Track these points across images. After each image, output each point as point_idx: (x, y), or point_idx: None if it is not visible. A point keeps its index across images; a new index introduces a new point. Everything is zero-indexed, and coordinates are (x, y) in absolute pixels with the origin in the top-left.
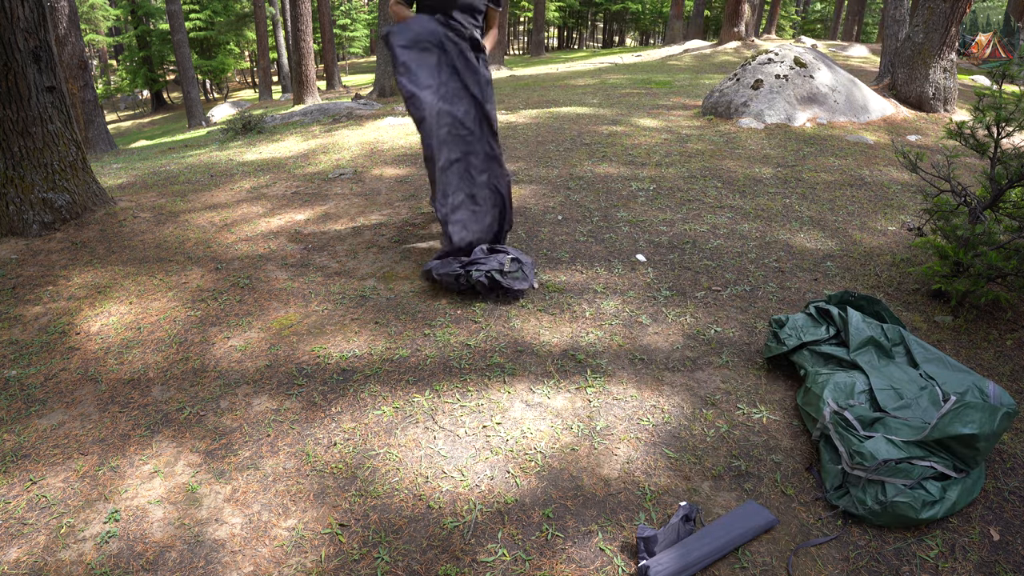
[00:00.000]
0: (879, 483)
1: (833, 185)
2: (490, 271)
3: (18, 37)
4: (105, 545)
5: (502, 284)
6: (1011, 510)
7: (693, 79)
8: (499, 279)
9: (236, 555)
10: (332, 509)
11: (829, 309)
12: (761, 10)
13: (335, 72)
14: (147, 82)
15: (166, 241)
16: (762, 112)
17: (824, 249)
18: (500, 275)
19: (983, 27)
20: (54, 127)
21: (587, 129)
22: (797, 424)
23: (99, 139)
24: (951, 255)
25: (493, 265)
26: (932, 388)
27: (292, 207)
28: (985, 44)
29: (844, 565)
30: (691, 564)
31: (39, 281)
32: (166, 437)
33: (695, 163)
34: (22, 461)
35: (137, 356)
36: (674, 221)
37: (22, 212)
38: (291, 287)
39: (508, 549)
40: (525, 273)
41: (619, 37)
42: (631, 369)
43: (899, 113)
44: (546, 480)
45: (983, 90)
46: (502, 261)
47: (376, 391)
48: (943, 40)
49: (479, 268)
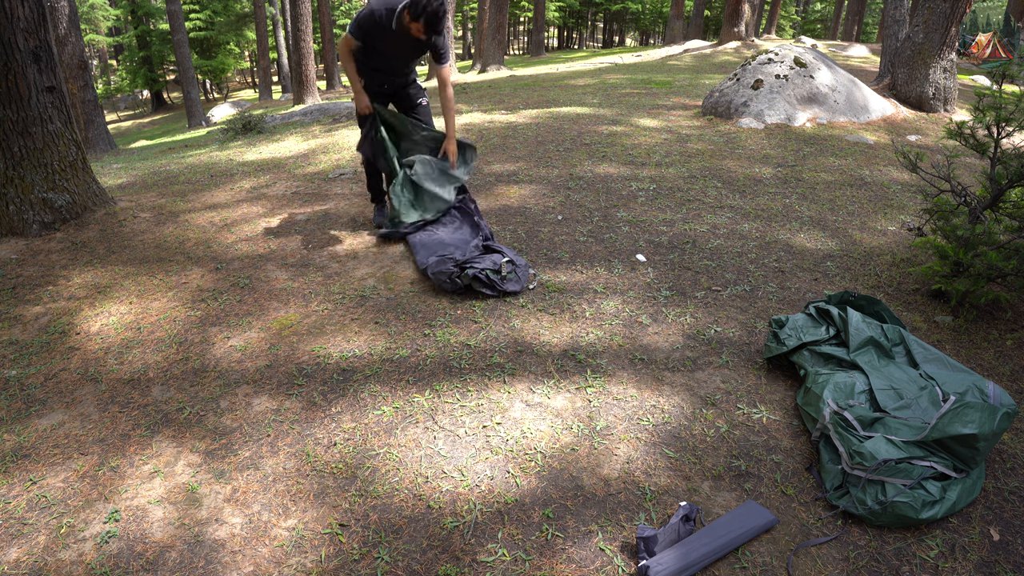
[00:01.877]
0: (879, 483)
1: (833, 185)
2: (484, 270)
3: (18, 37)
4: (105, 545)
5: (496, 284)
6: (1011, 510)
7: (693, 79)
8: (493, 279)
9: (236, 555)
10: (332, 509)
11: (829, 309)
12: (761, 10)
13: (335, 72)
14: (147, 82)
15: (166, 241)
16: (762, 112)
17: (824, 249)
18: (494, 275)
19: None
20: (54, 127)
21: (587, 129)
22: (797, 424)
23: (99, 139)
24: (951, 255)
25: (487, 265)
26: (932, 388)
27: (292, 207)
28: (985, 44)
29: (844, 565)
30: (691, 564)
31: (39, 281)
32: (166, 437)
33: (695, 163)
34: (22, 461)
35: (137, 356)
36: (674, 221)
37: (22, 212)
38: (291, 287)
39: (508, 549)
40: (518, 275)
41: (619, 37)
42: (631, 369)
43: (899, 113)
44: (546, 480)
45: (983, 90)
46: (496, 262)
47: (376, 391)
48: (943, 40)
49: (473, 267)
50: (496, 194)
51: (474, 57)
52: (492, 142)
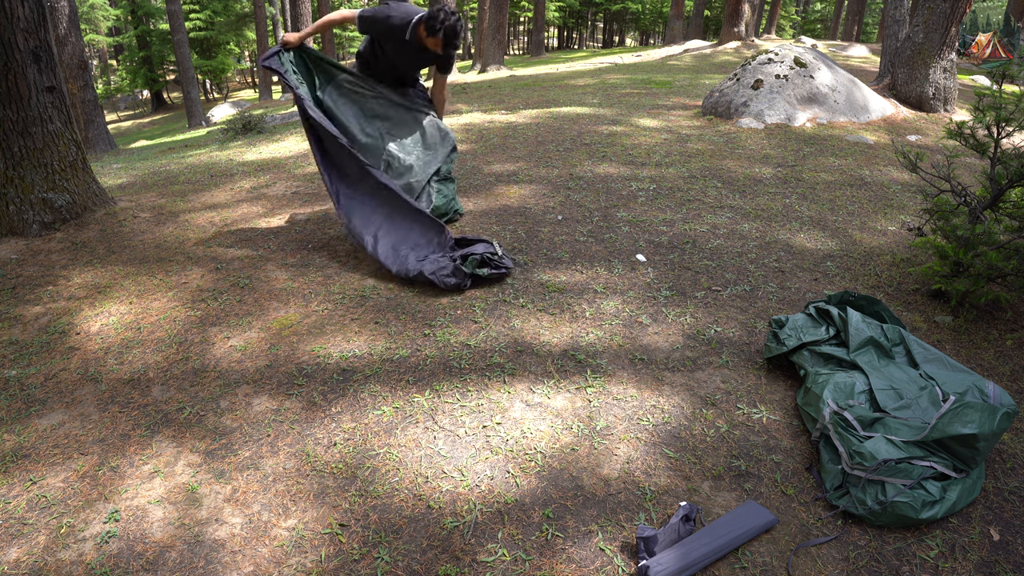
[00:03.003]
0: (879, 483)
1: (833, 185)
2: (484, 254)
3: (18, 37)
4: (105, 545)
5: (500, 263)
6: (1011, 510)
7: (693, 79)
8: (493, 259)
9: (236, 555)
10: (332, 509)
11: (829, 309)
12: (761, 10)
13: None
14: (147, 82)
15: (166, 241)
16: (762, 112)
17: (824, 249)
18: (494, 256)
19: (983, 27)
20: (54, 127)
21: (587, 129)
22: (797, 424)
23: (99, 139)
24: (951, 255)
25: (481, 249)
26: (932, 388)
27: (292, 207)
28: (985, 44)
29: (844, 565)
30: (691, 564)
31: (39, 281)
32: (166, 437)
33: (695, 163)
34: (22, 461)
35: (137, 356)
36: (674, 221)
37: (22, 212)
38: (291, 287)
39: (508, 549)
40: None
41: (619, 37)
42: (631, 369)
43: (899, 113)
44: (546, 480)
45: (983, 90)
46: (487, 245)
47: (376, 391)
48: (943, 40)
49: (474, 255)
50: (496, 194)
51: (474, 57)
52: (492, 142)
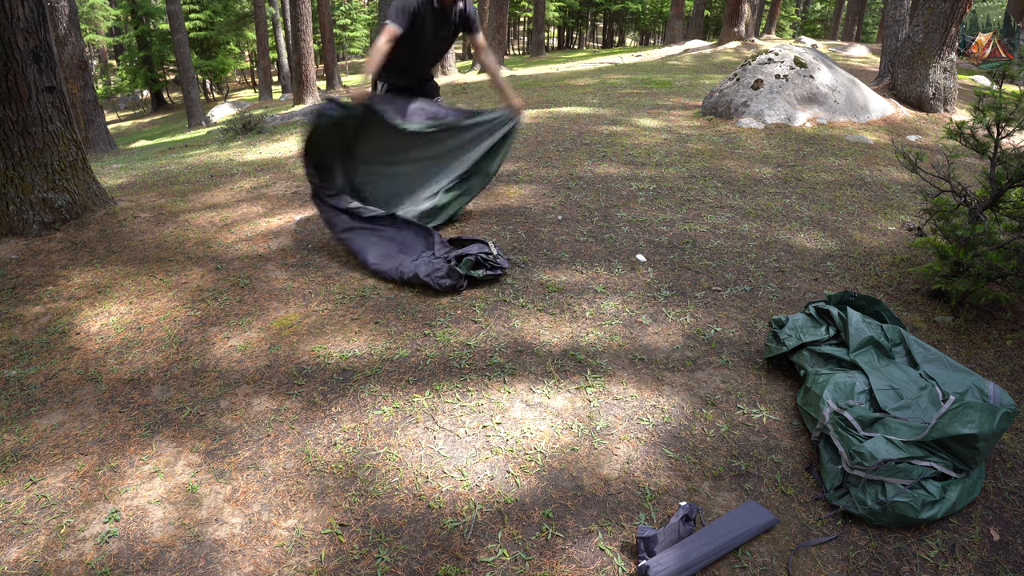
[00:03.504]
0: (879, 483)
1: (833, 185)
2: (479, 254)
3: (18, 37)
4: (105, 545)
5: (495, 263)
6: (1011, 510)
7: (693, 79)
8: (487, 260)
9: (236, 555)
10: (332, 509)
11: (829, 309)
12: (761, 10)
13: (335, 72)
14: (147, 82)
15: (166, 241)
16: (762, 112)
17: (824, 249)
18: (488, 256)
19: (983, 27)
20: (54, 127)
21: (587, 129)
22: (797, 424)
23: (99, 139)
24: (951, 255)
25: (475, 250)
26: (932, 388)
27: (292, 207)
28: (985, 44)
29: (844, 565)
30: (691, 564)
31: (39, 281)
32: (166, 437)
33: (695, 163)
34: (22, 461)
35: (137, 356)
36: (674, 221)
37: (22, 212)
38: (291, 287)
39: (508, 549)
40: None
41: (619, 37)
42: (631, 369)
43: (899, 113)
44: (546, 480)
45: (983, 90)
46: (482, 245)
47: (376, 391)
48: (943, 40)
49: (468, 255)
50: (496, 194)
51: (474, 57)
52: None
